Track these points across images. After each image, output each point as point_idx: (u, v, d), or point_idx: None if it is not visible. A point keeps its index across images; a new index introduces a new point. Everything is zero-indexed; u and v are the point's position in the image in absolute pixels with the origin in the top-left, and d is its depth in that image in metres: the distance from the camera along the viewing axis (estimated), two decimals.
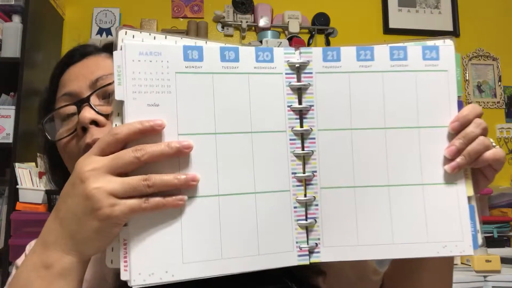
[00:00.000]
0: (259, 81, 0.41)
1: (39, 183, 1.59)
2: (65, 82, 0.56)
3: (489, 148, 0.42)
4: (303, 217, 0.41)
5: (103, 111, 0.51)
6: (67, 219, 0.37)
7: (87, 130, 0.50)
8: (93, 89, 0.52)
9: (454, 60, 0.44)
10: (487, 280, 1.53)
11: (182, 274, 0.37)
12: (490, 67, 2.35)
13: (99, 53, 0.58)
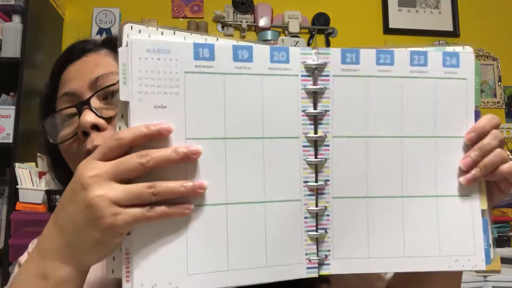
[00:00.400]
0: (273, 83, 0.38)
1: (39, 183, 1.59)
2: (65, 80, 0.54)
3: (505, 161, 0.41)
4: (313, 228, 0.39)
5: (104, 114, 0.50)
6: (66, 228, 0.35)
7: (88, 134, 0.49)
8: (93, 89, 0.51)
9: (474, 68, 0.43)
10: (487, 280, 1.53)
11: (187, 286, 0.35)
12: (490, 67, 2.35)
13: (99, 49, 0.56)
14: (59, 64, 0.56)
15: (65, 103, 0.53)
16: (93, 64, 0.53)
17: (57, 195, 1.53)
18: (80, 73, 0.53)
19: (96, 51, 0.55)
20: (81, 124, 0.49)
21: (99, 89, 0.50)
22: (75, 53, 0.56)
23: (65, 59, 0.56)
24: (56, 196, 1.53)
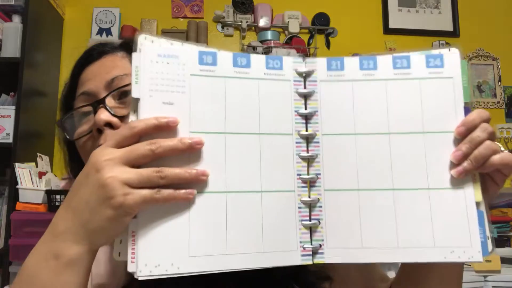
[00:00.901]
0: (268, 86, 0.43)
1: (39, 183, 1.59)
2: (83, 81, 0.57)
3: (496, 152, 0.42)
4: (307, 218, 0.42)
5: (118, 113, 0.52)
6: (79, 208, 0.38)
7: (102, 131, 0.52)
8: (109, 89, 0.54)
9: (459, 66, 0.45)
10: (487, 280, 1.53)
11: (188, 267, 0.38)
12: (490, 67, 2.35)
13: (116, 52, 0.58)
14: (78, 65, 0.59)
15: (82, 102, 0.56)
16: (109, 65, 0.56)
17: (57, 195, 1.53)
18: (97, 74, 0.56)
19: (113, 53, 0.58)
20: (96, 122, 0.51)
21: (113, 89, 0.53)
22: (93, 55, 0.58)
23: (84, 60, 0.59)
24: (56, 196, 1.53)
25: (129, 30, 2.08)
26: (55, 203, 1.52)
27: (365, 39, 2.28)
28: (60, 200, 1.53)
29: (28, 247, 1.05)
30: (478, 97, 2.31)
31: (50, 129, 1.99)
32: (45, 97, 1.93)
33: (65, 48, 2.11)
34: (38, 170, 1.65)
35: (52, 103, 2.01)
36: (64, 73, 2.09)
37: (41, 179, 1.61)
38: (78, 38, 2.11)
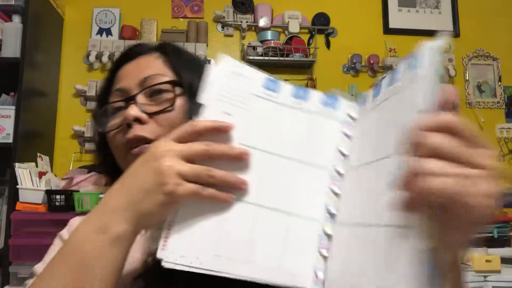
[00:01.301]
0: (319, 121, 0.47)
1: (39, 183, 1.59)
2: (119, 78, 0.61)
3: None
4: (325, 248, 0.44)
5: (148, 109, 0.56)
6: (133, 190, 0.41)
7: (131, 126, 0.55)
8: (141, 87, 0.57)
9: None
10: (487, 280, 1.53)
11: (211, 265, 0.40)
12: (490, 67, 2.35)
13: (152, 52, 0.62)
14: (116, 63, 0.64)
15: (116, 97, 0.59)
16: (144, 65, 0.60)
17: (57, 195, 1.53)
18: (132, 72, 0.60)
19: (149, 53, 0.62)
20: (126, 117, 0.55)
21: (145, 87, 0.57)
22: (130, 54, 0.62)
23: (121, 59, 0.63)
24: (56, 196, 1.53)
25: (129, 30, 2.08)
26: (55, 203, 1.52)
27: (365, 39, 2.28)
28: (60, 200, 1.53)
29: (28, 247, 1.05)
30: (478, 97, 2.31)
31: (50, 129, 1.99)
32: (45, 97, 1.93)
33: (65, 48, 2.11)
34: (38, 170, 1.65)
35: (52, 103, 2.01)
36: (64, 73, 2.09)
37: (41, 179, 1.61)
38: (78, 38, 2.11)
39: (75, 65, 2.09)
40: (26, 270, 1.49)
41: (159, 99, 0.57)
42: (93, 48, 2.04)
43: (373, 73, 2.23)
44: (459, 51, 2.32)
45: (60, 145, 2.01)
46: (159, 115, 0.56)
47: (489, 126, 2.27)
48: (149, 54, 0.62)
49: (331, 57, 2.21)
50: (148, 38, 2.11)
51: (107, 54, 2.03)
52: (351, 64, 2.22)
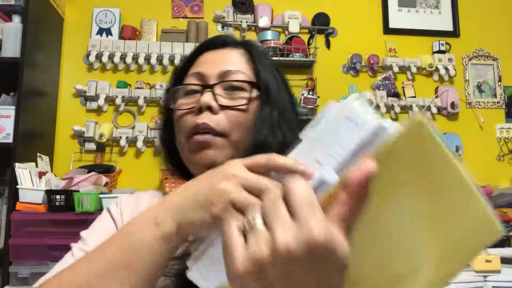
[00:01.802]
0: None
1: (39, 183, 1.59)
2: (200, 62, 0.62)
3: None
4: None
5: (221, 101, 0.58)
6: (189, 197, 0.41)
7: (202, 112, 0.57)
8: (219, 79, 0.59)
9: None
10: (487, 280, 1.53)
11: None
12: (490, 67, 2.35)
13: (237, 48, 0.64)
14: (200, 47, 0.65)
15: (194, 80, 0.61)
16: (227, 57, 0.62)
17: (57, 195, 1.53)
18: (214, 60, 0.62)
19: (234, 47, 0.64)
20: (200, 102, 0.57)
21: (225, 80, 0.59)
22: (216, 43, 0.64)
23: (206, 45, 0.65)
24: (56, 196, 1.53)
25: (129, 30, 2.08)
26: (55, 203, 1.52)
27: (365, 39, 2.28)
28: (60, 200, 1.53)
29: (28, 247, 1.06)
30: (478, 97, 2.31)
31: (50, 129, 1.99)
32: (45, 97, 1.93)
33: (65, 48, 2.11)
34: (38, 170, 1.65)
35: (52, 103, 2.01)
36: (64, 73, 2.09)
37: (41, 179, 1.61)
38: (78, 38, 2.11)
39: (75, 65, 2.10)
40: (26, 270, 1.49)
41: (235, 94, 0.59)
42: (93, 48, 2.04)
43: (373, 73, 2.23)
44: (459, 51, 2.32)
45: (60, 145, 2.01)
46: (230, 110, 0.57)
47: (489, 126, 2.27)
48: (235, 48, 0.63)
49: (331, 57, 2.21)
50: (148, 38, 2.11)
51: (107, 54, 2.03)
52: (351, 64, 2.22)
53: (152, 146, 2.05)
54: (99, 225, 0.69)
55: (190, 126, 0.58)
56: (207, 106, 0.57)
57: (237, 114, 0.58)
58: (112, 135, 1.99)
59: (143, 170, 2.01)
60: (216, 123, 0.56)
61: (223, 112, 0.57)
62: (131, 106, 2.08)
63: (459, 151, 2.12)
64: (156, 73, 2.13)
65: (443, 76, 2.25)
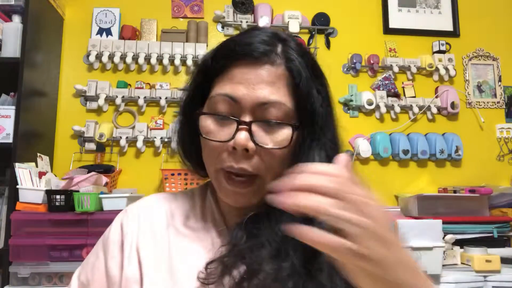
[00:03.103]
0: None
1: (39, 183, 1.59)
2: (232, 77, 0.54)
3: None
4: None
5: (260, 142, 0.53)
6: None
7: (236, 152, 0.53)
8: (258, 110, 0.53)
9: None
10: (487, 280, 1.53)
11: None
12: (490, 67, 2.35)
13: (278, 63, 0.55)
14: (232, 52, 0.56)
15: (224, 105, 0.54)
16: (268, 79, 0.54)
17: (57, 195, 1.53)
18: (253, 81, 0.53)
19: (275, 64, 0.55)
20: (236, 143, 0.52)
21: (264, 119, 0.53)
22: (254, 52, 0.54)
23: (240, 53, 0.55)
24: (56, 196, 1.53)
25: (129, 30, 2.08)
26: (55, 203, 1.52)
27: (365, 39, 2.28)
28: (60, 200, 1.53)
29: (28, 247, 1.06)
30: (478, 97, 2.31)
31: (50, 129, 1.99)
32: (45, 97, 1.93)
33: (65, 48, 2.11)
34: (38, 170, 1.65)
35: (52, 103, 2.01)
36: (64, 73, 2.09)
37: (41, 179, 1.61)
38: (78, 38, 2.11)
39: (75, 65, 2.10)
40: (26, 270, 1.49)
41: (273, 131, 0.53)
42: (93, 48, 2.04)
43: (373, 73, 2.23)
44: (459, 51, 2.32)
45: (60, 145, 2.01)
46: (268, 151, 0.53)
47: (489, 126, 2.27)
48: (274, 65, 0.54)
49: (331, 57, 2.21)
50: (148, 38, 2.11)
51: (107, 54, 2.03)
52: (351, 64, 2.22)
53: (152, 146, 2.04)
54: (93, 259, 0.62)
55: (225, 165, 0.54)
56: (244, 148, 0.52)
57: (275, 154, 0.53)
58: (112, 135, 1.99)
59: (143, 170, 2.01)
60: (253, 167, 0.53)
61: (259, 152, 0.53)
62: (131, 106, 2.08)
63: (459, 151, 2.12)
64: (156, 73, 2.13)
65: (443, 76, 2.25)
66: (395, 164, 2.17)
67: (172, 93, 2.05)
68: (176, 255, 0.57)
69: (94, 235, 1.49)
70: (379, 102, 2.14)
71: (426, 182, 2.16)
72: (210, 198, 0.64)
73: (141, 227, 0.60)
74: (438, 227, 1.54)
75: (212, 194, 0.65)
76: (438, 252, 1.49)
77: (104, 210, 1.56)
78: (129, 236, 0.59)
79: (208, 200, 0.64)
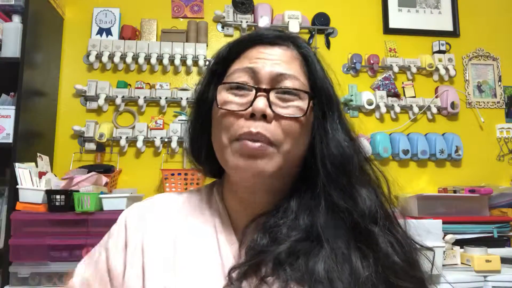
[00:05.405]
0: None
1: (39, 183, 1.59)
2: (252, 56, 0.58)
3: None
4: None
5: (277, 110, 0.55)
6: None
7: (255, 117, 0.54)
8: (274, 81, 0.56)
9: None
10: (487, 280, 1.53)
11: None
12: (490, 67, 2.35)
13: (291, 48, 0.60)
14: (250, 39, 0.60)
15: (244, 75, 0.57)
16: (282, 58, 0.58)
17: (57, 195, 1.53)
18: (269, 58, 0.57)
19: (288, 47, 0.60)
20: (255, 108, 0.53)
21: (281, 87, 0.56)
22: (269, 37, 0.59)
23: (257, 38, 0.60)
24: (56, 196, 1.53)
25: (129, 30, 2.08)
26: (55, 203, 1.52)
27: (365, 39, 2.28)
28: (60, 200, 1.53)
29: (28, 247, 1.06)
30: (478, 97, 2.31)
31: (50, 129, 1.99)
32: (45, 97, 1.93)
33: (65, 48, 2.11)
34: (38, 170, 1.65)
35: (52, 103, 2.01)
36: (64, 73, 2.09)
37: (41, 179, 1.61)
38: (78, 38, 2.11)
39: (75, 65, 2.10)
40: (26, 270, 1.49)
41: (289, 102, 0.56)
42: (93, 48, 2.04)
43: (373, 73, 2.23)
44: (459, 51, 2.32)
45: (60, 145, 2.01)
46: (284, 119, 0.55)
47: (489, 126, 2.27)
48: (288, 49, 0.59)
49: (331, 57, 2.19)
50: (148, 38, 2.11)
51: (107, 54, 2.03)
52: (351, 64, 2.22)
53: (152, 146, 2.04)
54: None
55: (241, 131, 0.54)
56: (263, 113, 0.54)
57: (291, 124, 0.55)
58: (112, 135, 1.99)
59: (143, 170, 2.01)
60: (272, 133, 0.54)
61: (275, 120, 0.54)
62: (131, 106, 2.08)
63: (459, 151, 2.12)
64: (156, 73, 2.13)
65: (443, 76, 2.25)
66: (395, 164, 2.17)
67: (172, 93, 2.05)
68: (181, 255, 0.57)
69: (94, 235, 1.49)
70: (379, 102, 2.14)
71: (426, 182, 2.16)
72: (216, 197, 0.64)
73: (146, 226, 0.60)
74: (438, 227, 1.54)
75: (218, 194, 0.65)
76: (438, 252, 1.49)
77: (104, 210, 1.56)
78: (133, 235, 0.60)
79: (214, 199, 0.64)
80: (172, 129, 1.98)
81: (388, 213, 0.58)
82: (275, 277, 0.50)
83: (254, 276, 0.51)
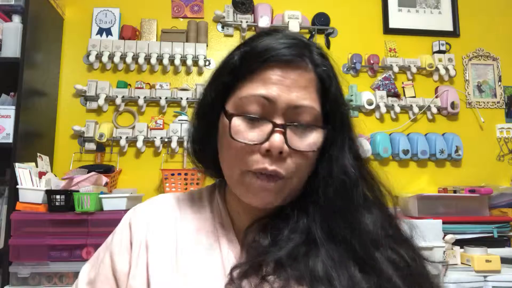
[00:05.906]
0: None
1: (39, 183, 1.59)
2: (266, 78, 0.54)
3: None
4: None
5: (293, 145, 0.53)
6: None
7: (270, 153, 0.52)
8: (291, 114, 0.53)
9: None
10: (487, 280, 1.53)
11: None
12: (490, 67, 2.35)
13: (311, 69, 0.56)
14: (265, 57, 0.54)
15: (257, 105, 0.53)
16: (300, 83, 0.54)
17: (57, 195, 1.53)
18: (285, 84, 0.53)
19: (305, 70, 0.56)
20: (272, 145, 0.52)
21: (297, 122, 0.53)
22: (287, 56, 0.55)
23: (275, 55, 0.54)
24: (56, 196, 1.53)
25: (129, 30, 2.08)
26: (55, 203, 1.52)
27: (365, 39, 2.28)
28: (60, 200, 1.53)
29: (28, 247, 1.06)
30: (478, 97, 2.31)
31: (50, 129, 1.99)
32: (45, 97, 1.93)
33: (65, 48, 2.11)
34: (38, 170, 1.65)
35: (52, 103, 2.01)
36: (64, 73, 2.09)
37: (41, 179, 1.61)
38: (78, 38, 2.11)
39: (75, 65, 2.10)
40: (26, 270, 1.49)
41: (304, 135, 0.54)
42: (93, 48, 2.04)
43: (373, 73, 2.23)
44: (459, 51, 2.32)
45: (60, 145, 2.01)
46: (299, 154, 0.53)
47: (489, 126, 2.27)
48: (305, 71, 0.55)
49: (331, 57, 2.20)
50: (148, 38, 2.11)
51: (107, 54, 2.03)
52: (351, 64, 2.22)
53: (152, 146, 2.04)
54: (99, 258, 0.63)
55: (257, 167, 0.53)
56: (279, 151, 0.52)
57: (304, 157, 0.54)
58: (112, 135, 1.99)
59: (143, 170, 2.01)
60: (285, 169, 0.53)
61: (289, 155, 0.53)
62: (131, 106, 2.08)
63: (459, 151, 2.12)
64: (156, 73, 2.13)
65: (443, 76, 2.25)
66: (395, 164, 2.17)
67: (172, 93, 2.05)
68: (183, 254, 0.57)
69: (94, 235, 1.49)
70: (379, 102, 2.15)
71: (426, 182, 2.16)
72: (218, 199, 0.64)
73: (150, 227, 0.61)
74: (438, 227, 1.54)
75: (220, 195, 0.65)
76: (438, 252, 1.49)
77: (104, 210, 1.56)
78: (137, 235, 0.60)
79: (216, 200, 0.65)
80: (172, 129, 1.98)
81: (394, 227, 0.58)
82: (276, 276, 0.51)
83: (255, 275, 0.52)
